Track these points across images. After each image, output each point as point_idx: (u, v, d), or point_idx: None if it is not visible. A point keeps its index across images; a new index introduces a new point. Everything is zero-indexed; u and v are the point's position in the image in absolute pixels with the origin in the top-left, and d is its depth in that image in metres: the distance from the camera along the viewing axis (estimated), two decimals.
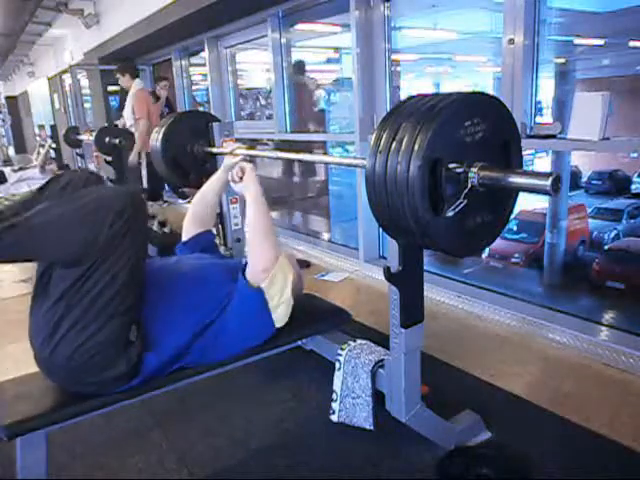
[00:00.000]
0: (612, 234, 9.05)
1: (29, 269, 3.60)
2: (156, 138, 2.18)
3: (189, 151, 2.21)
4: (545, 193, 0.98)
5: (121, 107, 6.40)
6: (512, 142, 1.14)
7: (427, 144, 0.96)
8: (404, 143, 0.99)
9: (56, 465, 1.45)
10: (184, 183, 2.52)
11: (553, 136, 2.04)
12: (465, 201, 1.05)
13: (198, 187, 1.98)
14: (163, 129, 2.16)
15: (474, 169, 1.05)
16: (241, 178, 1.62)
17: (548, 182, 0.95)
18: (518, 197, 1.20)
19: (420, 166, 0.97)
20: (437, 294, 2.52)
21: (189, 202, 2.21)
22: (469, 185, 1.05)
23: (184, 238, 1.84)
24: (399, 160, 1.00)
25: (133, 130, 4.18)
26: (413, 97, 1.10)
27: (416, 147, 0.97)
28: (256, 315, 1.46)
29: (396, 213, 1.05)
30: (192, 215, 1.89)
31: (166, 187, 5.68)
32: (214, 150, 2.16)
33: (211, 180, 1.92)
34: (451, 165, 1.03)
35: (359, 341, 1.63)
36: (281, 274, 1.48)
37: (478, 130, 1.05)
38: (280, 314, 1.49)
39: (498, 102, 1.12)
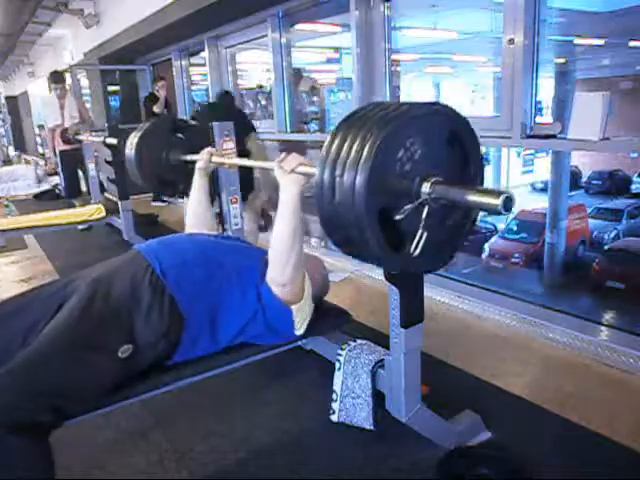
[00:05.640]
0: (612, 234, 9.06)
1: (29, 269, 3.60)
2: (129, 155, 2.13)
3: (164, 160, 2.16)
4: (496, 213, 0.92)
5: (122, 108, 6.45)
6: (470, 154, 1.08)
7: (366, 193, 0.90)
8: (345, 182, 0.93)
9: (56, 465, 1.45)
10: (175, 194, 2.50)
11: (553, 136, 2.04)
12: (426, 232, 0.99)
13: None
14: (134, 145, 2.11)
15: (426, 187, 0.98)
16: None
17: (499, 201, 0.90)
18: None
19: (370, 220, 0.92)
20: (437, 294, 2.52)
21: None
22: (425, 210, 0.98)
23: None
24: (348, 207, 0.93)
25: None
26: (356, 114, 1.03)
27: (357, 193, 0.91)
28: (283, 325, 1.48)
29: (354, 246, 1.01)
30: (192, 227, 1.85)
31: None
32: (188, 158, 2.08)
33: (193, 186, 1.90)
34: (400, 204, 0.97)
35: (359, 341, 1.63)
36: (309, 299, 1.51)
37: (420, 146, 0.99)
38: (303, 327, 1.52)
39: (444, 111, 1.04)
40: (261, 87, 5.42)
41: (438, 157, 1.03)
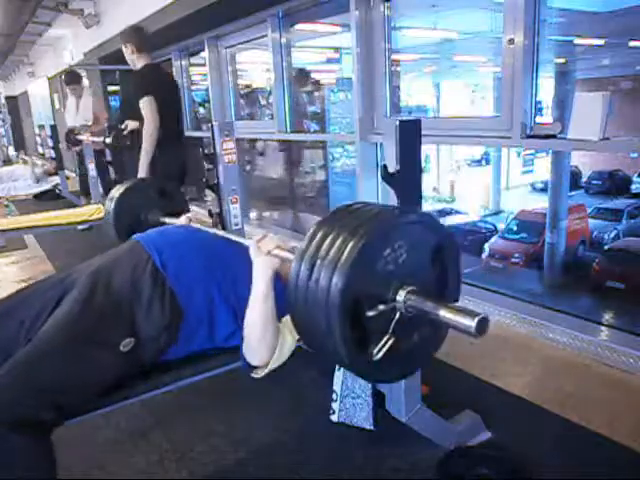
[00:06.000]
0: (612, 234, 9.06)
1: (29, 269, 3.60)
2: (108, 208, 2.13)
3: (143, 220, 2.14)
4: (469, 334, 0.88)
5: (122, 108, 6.43)
6: (450, 269, 1.06)
7: (342, 289, 0.87)
8: (320, 282, 0.90)
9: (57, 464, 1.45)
10: None
11: (553, 136, 2.04)
12: (392, 338, 0.95)
13: None
14: (114, 200, 2.12)
15: (401, 295, 0.95)
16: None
17: (473, 323, 0.86)
18: None
19: (337, 314, 0.88)
20: None
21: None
22: (396, 317, 0.96)
23: None
24: (318, 299, 0.90)
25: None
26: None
27: (332, 288, 0.88)
28: None
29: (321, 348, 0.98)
30: None
31: None
32: (167, 220, 2.06)
33: None
34: (374, 302, 0.94)
35: None
36: (285, 348, 1.41)
37: (401, 254, 0.96)
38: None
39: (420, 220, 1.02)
40: (248, 87, 5.42)
41: (418, 267, 1.01)
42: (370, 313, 0.93)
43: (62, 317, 1.23)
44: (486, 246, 9.05)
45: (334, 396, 1.59)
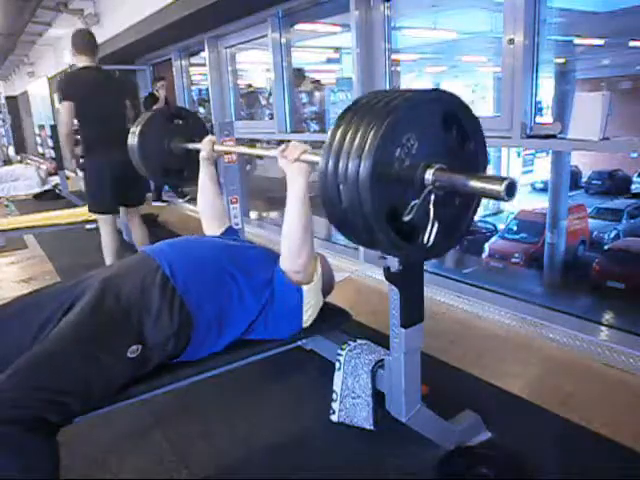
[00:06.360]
0: (612, 234, 9.05)
1: (29, 269, 3.60)
2: (132, 147, 2.15)
3: (167, 150, 2.18)
4: (499, 198, 0.92)
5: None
6: (470, 135, 1.09)
7: (371, 183, 0.91)
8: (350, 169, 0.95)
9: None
10: (181, 183, 2.51)
11: (553, 136, 2.04)
12: (436, 222, 1.00)
13: (195, 183, 1.99)
14: (136, 136, 2.13)
15: (429, 174, 0.99)
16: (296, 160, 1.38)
17: (502, 187, 0.90)
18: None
19: (379, 225, 0.93)
20: (437, 294, 2.52)
21: (188, 201, 2.22)
22: (431, 200, 0.99)
23: None
24: (354, 201, 0.95)
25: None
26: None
27: (362, 182, 0.92)
28: (291, 311, 1.51)
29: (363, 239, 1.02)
30: (207, 219, 1.91)
31: (165, 187, 5.69)
32: (190, 146, 2.12)
33: (201, 179, 1.94)
34: (407, 197, 0.98)
35: (359, 341, 1.63)
36: (319, 282, 1.54)
37: (423, 134, 1.00)
38: (310, 316, 1.55)
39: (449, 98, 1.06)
40: (250, 86, 5.42)
41: (438, 143, 1.04)
42: (407, 218, 0.98)
43: (72, 321, 1.24)
44: (486, 246, 9.04)
45: (334, 396, 1.59)
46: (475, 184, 0.95)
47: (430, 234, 1.00)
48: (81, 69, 2.92)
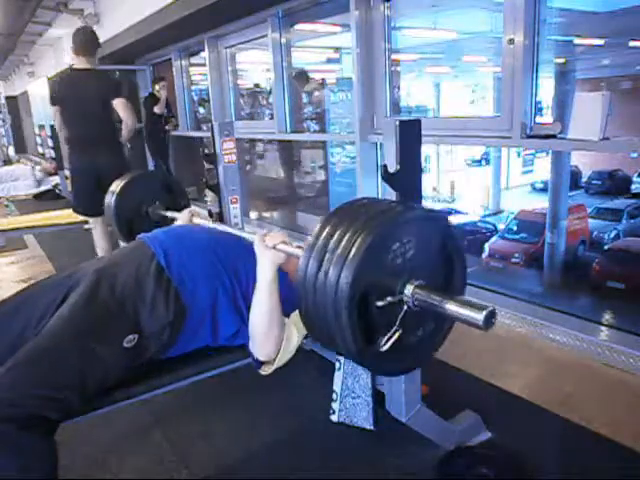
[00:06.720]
0: (612, 234, 9.05)
1: (29, 269, 3.60)
2: (109, 201, 2.11)
3: (144, 213, 2.14)
4: (477, 327, 0.89)
5: None
6: (453, 256, 1.07)
7: (351, 282, 0.88)
8: (329, 276, 0.91)
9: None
10: None
11: (553, 136, 2.04)
12: (400, 330, 0.97)
13: None
14: (115, 193, 2.10)
15: (409, 289, 0.97)
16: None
17: (481, 316, 0.87)
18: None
19: (346, 306, 0.90)
20: None
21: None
22: (404, 309, 0.97)
23: None
24: (327, 293, 0.92)
25: None
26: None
27: (341, 282, 0.89)
28: None
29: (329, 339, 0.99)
30: None
31: None
32: (169, 215, 2.06)
33: None
34: (382, 295, 0.95)
35: None
36: (287, 355, 1.43)
37: (409, 248, 0.98)
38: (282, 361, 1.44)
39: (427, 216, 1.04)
40: (257, 85, 5.42)
41: (425, 262, 1.02)
42: (379, 303, 0.95)
43: (66, 313, 1.24)
44: (486, 246, 9.05)
45: (334, 396, 1.59)
46: (453, 307, 0.92)
47: (389, 339, 0.96)
48: (70, 71, 2.93)
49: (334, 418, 1.59)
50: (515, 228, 9.37)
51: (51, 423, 1.09)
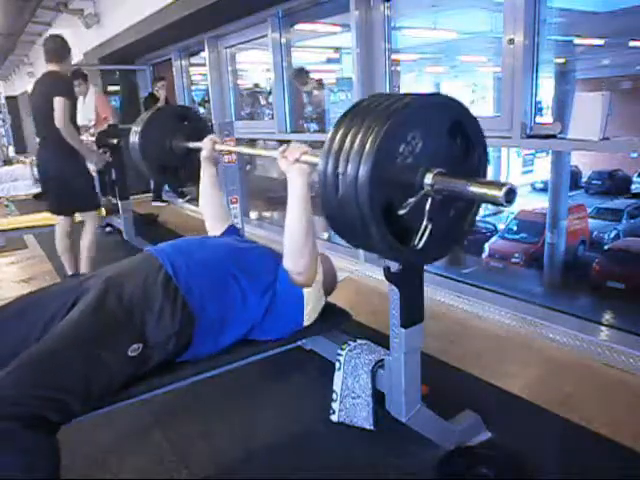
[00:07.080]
0: (612, 234, 9.05)
1: (29, 269, 3.60)
2: (132, 142, 2.14)
3: (168, 149, 2.17)
4: (497, 204, 0.92)
5: (122, 108, 6.42)
6: (473, 145, 1.08)
7: (369, 185, 0.91)
8: (348, 173, 0.94)
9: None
10: (178, 182, 2.48)
11: (553, 136, 2.04)
12: (430, 224, 0.99)
13: (192, 183, 1.98)
14: (138, 132, 2.12)
15: (428, 178, 0.98)
16: (296, 160, 1.36)
17: (501, 193, 0.89)
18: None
19: (374, 216, 0.93)
20: (437, 294, 2.52)
21: (188, 201, 2.21)
22: (428, 202, 0.99)
23: None
24: (348, 191, 0.94)
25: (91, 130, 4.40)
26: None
27: (360, 185, 0.92)
28: (292, 311, 1.52)
29: (357, 237, 1.02)
30: (210, 219, 1.89)
31: (165, 187, 5.69)
32: (190, 145, 2.11)
33: (202, 179, 1.93)
34: (404, 195, 0.98)
35: (359, 341, 1.63)
36: (320, 284, 1.55)
37: (424, 137, 0.99)
38: (310, 317, 1.56)
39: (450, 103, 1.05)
40: (257, 85, 5.42)
41: (441, 149, 1.04)
42: (402, 211, 0.97)
43: (74, 319, 1.24)
44: (486, 246, 9.04)
45: (334, 396, 1.59)
46: (474, 189, 0.94)
47: (422, 237, 0.99)
48: (39, 78, 2.97)
49: (334, 418, 1.59)
50: (515, 228, 9.37)
51: (53, 424, 1.09)
